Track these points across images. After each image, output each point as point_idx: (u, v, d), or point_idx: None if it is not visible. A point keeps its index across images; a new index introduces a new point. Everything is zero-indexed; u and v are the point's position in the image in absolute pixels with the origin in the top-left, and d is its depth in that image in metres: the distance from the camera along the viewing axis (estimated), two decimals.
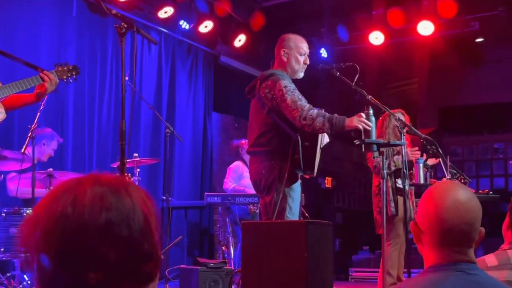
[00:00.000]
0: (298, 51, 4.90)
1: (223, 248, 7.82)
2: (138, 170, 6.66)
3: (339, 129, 4.44)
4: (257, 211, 7.61)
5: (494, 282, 1.81)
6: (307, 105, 4.51)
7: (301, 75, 4.95)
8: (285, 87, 4.58)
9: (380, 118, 6.09)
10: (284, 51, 4.90)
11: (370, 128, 4.48)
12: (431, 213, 1.82)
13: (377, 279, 6.19)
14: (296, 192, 4.62)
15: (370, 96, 4.78)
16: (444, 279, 1.73)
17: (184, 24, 9.05)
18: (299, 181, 4.70)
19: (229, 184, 8.15)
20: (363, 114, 4.49)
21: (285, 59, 4.89)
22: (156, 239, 1.12)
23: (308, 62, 4.93)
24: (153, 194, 8.46)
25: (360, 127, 4.43)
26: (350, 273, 10.80)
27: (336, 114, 4.48)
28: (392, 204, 5.80)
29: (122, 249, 1.05)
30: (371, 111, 4.54)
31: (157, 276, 1.15)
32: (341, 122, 4.43)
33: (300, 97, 4.56)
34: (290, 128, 4.53)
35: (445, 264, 1.77)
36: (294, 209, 4.53)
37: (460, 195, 1.81)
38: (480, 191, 6.88)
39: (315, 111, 4.46)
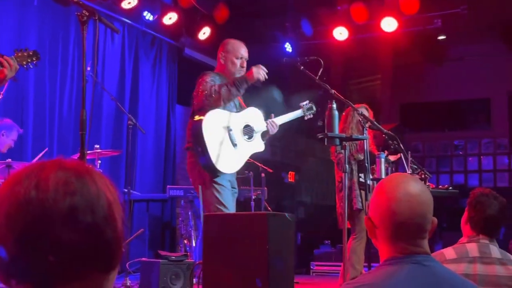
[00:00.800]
0: (235, 55, 5.13)
1: (185, 241, 7.79)
2: (99, 162, 6.58)
3: (245, 86, 4.91)
4: None
5: (449, 273, 1.83)
6: (210, 84, 4.82)
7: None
8: (205, 80, 4.87)
9: (344, 113, 6.13)
10: (222, 54, 5.17)
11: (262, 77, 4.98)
12: (384, 207, 1.81)
13: (338, 273, 6.24)
14: (223, 183, 4.83)
15: (333, 91, 4.80)
16: (400, 272, 1.74)
17: (148, 15, 8.96)
18: (229, 174, 4.90)
19: None
20: (262, 66, 5.01)
21: (222, 62, 5.14)
22: (120, 227, 1.10)
23: (244, 65, 5.16)
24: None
25: (261, 77, 4.93)
26: (311, 267, 10.87)
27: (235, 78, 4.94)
28: (359, 199, 5.85)
29: (85, 235, 1.04)
30: (334, 105, 4.58)
31: (118, 266, 1.13)
32: (243, 80, 4.91)
33: (212, 84, 4.84)
34: None
35: (400, 256, 1.78)
36: (224, 201, 4.74)
37: (412, 188, 1.80)
38: (440, 187, 7.00)
39: (216, 85, 4.80)
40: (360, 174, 5.90)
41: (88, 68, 6.57)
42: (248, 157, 5.11)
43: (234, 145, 4.92)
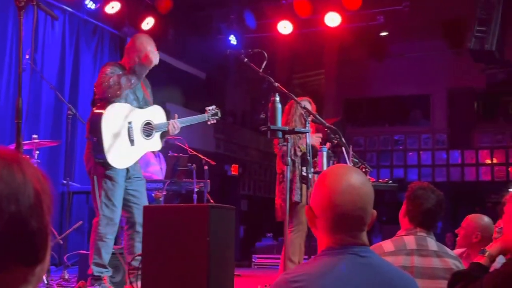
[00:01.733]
0: (138, 54, 5.05)
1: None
2: (38, 152, 6.41)
3: (144, 72, 4.97)
4: (161, 198, 7.53)
5: (386, 264, 1.85)
6: (109, 76, 4.84)
7: (141, 76, 5.12)
8: (104, 72, 4.89)
9: (287, 106, 6.13)
10: (128, 48, 5.15)
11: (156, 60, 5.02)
12: (325, 198, 1.82)
13: (279, 265, 6.26)
14: (116, 180, 4.88)
15: (277, 84, 4.79)
16: (337, 262, 1.75)
17: (90, 4, 8.79)
18: (122, 168, 4.94)
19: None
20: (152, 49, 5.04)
21: (126, 56, 5.12)
22: (47, 219, 1.06)
23: (149, 62, 5.07)
24: (54, 178, 8.20)
25: (155, 60, 4.96)
26: (253, 260, 10.90)
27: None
28: (299, 192, 5.87)
29: (7, 225, 0.99)
30: (277, 98, 4.56)
31: (46, 259, 1.08)
32: (142, 67, 4.94)
33: (111, 76, 4.86)
34: None
35: (338, 247, 1.79)
36: (113, 197, 4.83)
37: (354, 180, 1.81)
38: (380, 180, 7.09)
39: (115, 75, 4.83)
40: (302, 168, 5.93)
41: (27, 56, 6.39)
42: (142, 155, 5.17)
43: (131, 141, 4.96)
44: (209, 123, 5.73)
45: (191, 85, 12.12)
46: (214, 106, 5.71)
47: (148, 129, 5.11)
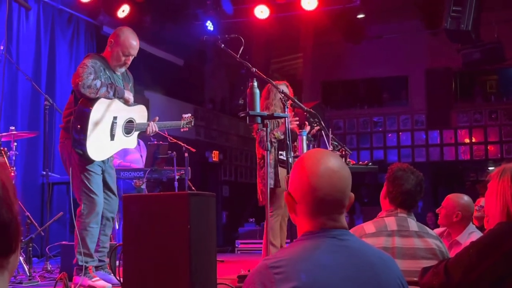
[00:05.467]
0: (123, 50, 5.05)
1: None
2: (15, 144, 6.33)
3: (120, 96, 4.96)
4: (143, 186, 7.49)
5: (365, 246, 1.86)
6: (92, 76, 4.78)
7: (120, 70, 5.14)
8: (83, 63, 4.84)
9: (264, 90, 6.10)
10: (111, 41, 5.08)
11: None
12: (304, 182, 1.82)
13: (262, 250, 6.27)
14: (93, 169, 4.91)
15: (254, 69, 4.76)
16: (317, 246, 1.75)
17: None
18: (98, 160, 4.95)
19: (115, 160, 7.96)
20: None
21: (109, 49, 5.07)
22: (16, 209, 1.04)
23: (128, 63, 5.13)
24: (33, 169, 8.13)
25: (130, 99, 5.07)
26: (236, 245, 10.91)
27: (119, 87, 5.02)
28: (272, 177, 5.87)
29: None
30: (255, 83, 4.54)
31: (18, 248, 1.08)
32: (122, 92, 4.97)
33: (90, 72, 4.80)
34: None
35: (318, 231, 1.79)
36: (93, 187, 4.87)
37: (332, 164, 1.82)
38: (360, 163, 7.09)
39: (99, 82, 4.78)
40: (281, 152, 5.92)
41: (1, 48, 6.31)
42: (118, 151, 5.25)
43: (112, 135, 4.99)
44: (182, 130, 5.82)
45: (170, 72, 12.04)
46: (189, 115, 5.82)
47: (129, 127, 5.15)
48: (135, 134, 5.23)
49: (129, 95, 5.09)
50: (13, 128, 6.34)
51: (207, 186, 12.63)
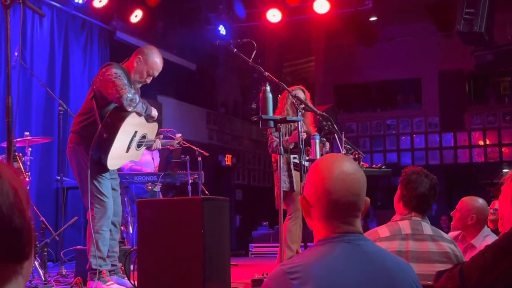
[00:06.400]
0: (148, 70, 5.12)
1: (122, 227, 7.67)
2: (30, 149, 6.38)
3: (149, 113, 5.06)
4: (156, 189, 7.51)
5: (381, 251, 1.86)
6: (133, 90, 4.90)
7: (137, 85, 5.20)
8: (115, 73, 4.88)
9: (281, 96, 6.15)
10: (139, 58, 5.12)
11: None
12: (319, 186, 1.83)
13: (276, 254, 6.28)
14: (104, 174, 4.97)
15: (267, 73, 4.77)
16: (332, 251, 1.76)
17: None
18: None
19: (127, 163, 7.99)
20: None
21: (134, 65, 5.11)
22: (28, 215, 1.05)
23: (148, 81, 5.23)
24: (47, 174, 8.18)
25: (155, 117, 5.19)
26: (250, 249, 10.91)
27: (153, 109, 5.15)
28: (287, 179, 5.88)
29: None
30: (268, 88, 4.55)
31: (32, 254, 1.09)
32: (150, 110, 5.06)
33: (127, 84, 4.89)
34: (99, 118, 4.86)
35: (333, 236, 1.80)
36: (104, 190, 4.92)
37: (346, 167, 1.83)
38: (374, 166, 7.09)
39: (137, 96, 4.91)
40: (294, 156, 5.93)
41: (16, 54, 6.35)
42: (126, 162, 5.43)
43: (128, 148, 5.07)
44: (170, 147, 6.01)
45: (182, 77, 12.08)
46: (180, 135, 5.95)
47: (141, 142, 5.23)
48: (143, 148, 5.35)
49: (155, 113, 5.18)
50: (28, 133, 6.39)
51: (220, 190, 12.64)
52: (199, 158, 7.17)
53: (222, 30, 10.65)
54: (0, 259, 1.01)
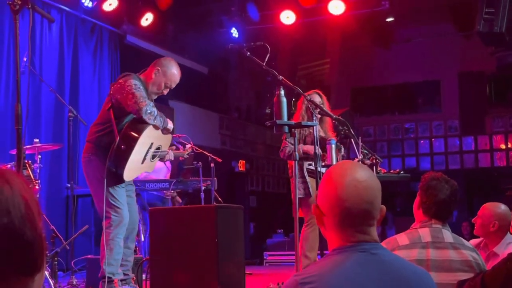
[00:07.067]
0: (166, 82, 5.23)
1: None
2: (40, 156, 6.42)
3: (165, 126, 5.15)
4: (173, 195, 7.55)
5: (398, 260, 1.85)
6: (152, 103, 5.00)
7: (153, 97, 5.29)
8: (135, 85, 4.98)
9: (298, 100, 6.17)
10: (158, 70, 5.22)
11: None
12: (331, 193, 1.83)
13: (292, 262, 6.27)
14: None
15: (281, 77, 4.77)
16: (347, 260, 1.76)
17: (87, 2, 8.79)
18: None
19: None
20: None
21: (153, 76, 5.21)
22: (40, 226, 1.06)
23: (165, 93, 5.36)
24: (57, 181, 8.23)
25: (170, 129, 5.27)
26: (265, 257, 10.90)
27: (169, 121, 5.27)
28: (303, 186, 5.88)
29: (2, 237, 1.01)
30: (282, 92, 4.54)
31: (44, 266, 1.10)
32: (166, 123, 5.16)
33: (145, 96, 4.99)
34: (116, 129, 4.92)
35: (348, 245, 1.80)
36: (119, 196, 4.96)
37: (359, 174, 1.83)
38: (392, 171, 7.06)
39: (155, 109, 5.01)
40: (310, 162, 5.92)
41: (25, 59, 6.40)
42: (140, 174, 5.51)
43: (144, 159, 5.15)
44: (181, 158, 5.98)
45: (194, 81, 12.10)
46: (190, 145, 6.05)
47: (156, 153, 5.32)
48: (157, 160, 5.42)
49: (171, 125, 5.28)
50: (37, 140, 6.44)
51: (233, 197, 12.65)
52: (212, 164, 7.18)
53: (234, 32, 10.67)
54: (12, 272, 1.02)
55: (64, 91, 8.62)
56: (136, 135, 4.91)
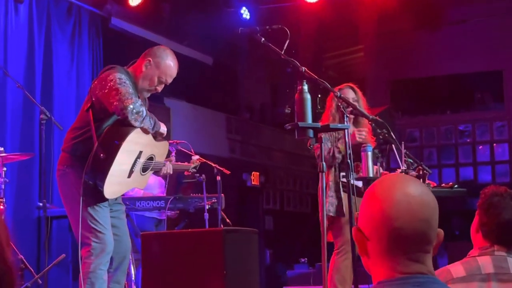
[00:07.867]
0: (160, 76, 5.23)
1: None
2: (5, 169, 6.47)
3: (157, 130, 5.21)
4: (168, 214, 7.55)
5: None
6: (140, 101, 5.00)
7: (145, 95, 5.31)
8: (120, 79, 4.97)
9: (328, 97, 6.16)
10: (150, 61, 5.22)
11: None
12: (376, 212, 1.81)
13: None
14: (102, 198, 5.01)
15: (304, 68, 4.76)
16: None
17: None
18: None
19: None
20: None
21: (143, 70, 5.21)
22: (9, 256, 1.07)
23: (159, 90, 5.35)
24: (27, 200, 8.26)
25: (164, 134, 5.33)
26: None
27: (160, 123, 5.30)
28: (334, 203, 5.86)
29: None
30: (305, 87, 4.53)
31: None
32: (158, 126, 5.21)
33: (133, 93, 4.98)
34: (95, 134, 4.92)
35: (398, 277, 1.78)
36: (100, 219, 4.95)
37: (410, 188, 1.81)
38: (443, 185, 7.05)
39: (144, 108, 5.03)
40: (341, 173, 5.91)
41: None
42: (128, 190, 5.59)
43: (131, 172, 5.13)
44: (185, 172, 6.00)
45: (195, 74, 12.13)
46: (198, 157, 6.08)
47: (147, 165, 5.29)
48: (149, 174, 5.40)
49: (164, 129, 5.30)
50: (2, 149, 6.47)
51: (245, 218, 12.66)
52: (218, 177, 7.19)
53: (245, 13, 10.70)
54: None
55: (35, 87, 8.64)
56: (118, 140, 4.90)
